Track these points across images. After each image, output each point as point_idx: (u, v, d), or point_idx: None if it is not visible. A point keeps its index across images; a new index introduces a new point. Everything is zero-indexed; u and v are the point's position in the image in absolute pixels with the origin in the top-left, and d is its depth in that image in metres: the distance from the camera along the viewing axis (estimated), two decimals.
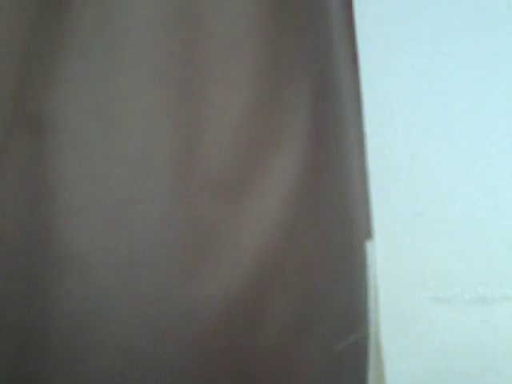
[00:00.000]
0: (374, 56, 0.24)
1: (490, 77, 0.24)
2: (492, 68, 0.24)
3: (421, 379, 0.21)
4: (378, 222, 0.23)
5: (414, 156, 0.23)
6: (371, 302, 0.22)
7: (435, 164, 0.23)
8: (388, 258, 0.23)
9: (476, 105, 0.23)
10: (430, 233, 0.23)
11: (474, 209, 0.23)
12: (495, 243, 0.22)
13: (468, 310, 0.22)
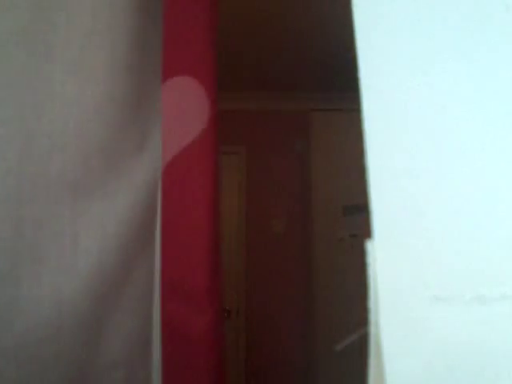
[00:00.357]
0: (373, 56, 0.24)
1: (489, 77, 0.24)
2: (491, 68, 0.24)
3: (420, 378, 0.21)
4: (377, 221, 0.23)
5: (415, 156, 0.23)
6: (371, 302, 0.22)
7: (435, 164, 0.23)
8: (388, 258, 0.23)
9: (476, 105, 0.24)
10: (430, 232, 0.23)
11: (474, 208, 0.23)
12: (496, 243, 0.22)
13: (468, 310, 0.22)
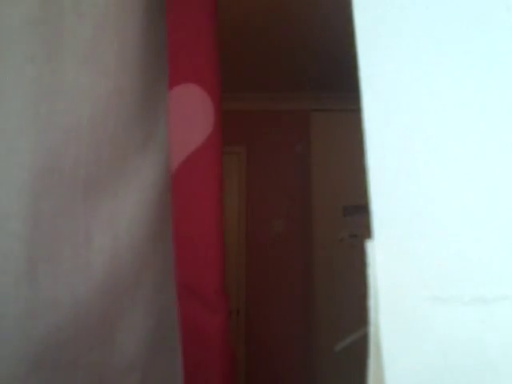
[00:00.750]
0: (373, 57, 0.24)
1: (490, 77, 0.24)
2: (491, 69, 0.24)
3: (420, 378, 0.21)
4: (377, 221, 0.23)
5: (414, 156, 0.24)
6: (371, 302, 0.22)
7: (435, 164, 0.23)
8: (387, 258, 0.23)
9: (477, 105, 0.24)
10: (430, 233, 0.23)
11: (474, 209, 0.23)
12: (495, 243, 0.22)
13: (467, 310, 0.22)
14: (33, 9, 0.46)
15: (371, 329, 0.22)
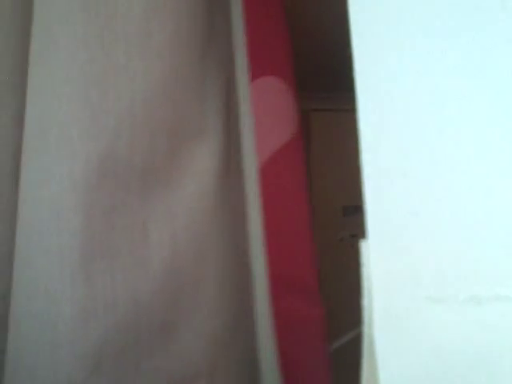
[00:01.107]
0: (368, 55, 0.24)
1: (484, 76, 0.24)
2: (486, 67, 0.24)
3: (414, 378, 0.21)
4: (372, 221, 0.23)
5: (409, 156, 0.23)
6: (365, 301, 0.22)
7: (430, 164, 0.23)
8: (382, 258, 0.23)
9: (470, 104, 0.23)
10: (425, 232, 0.23)
11: (469, 208, 0.23)
12: (490, 242, 0.22)
13: (462, 310, 0.22)
14: None
15: (365, 328, 0.22)
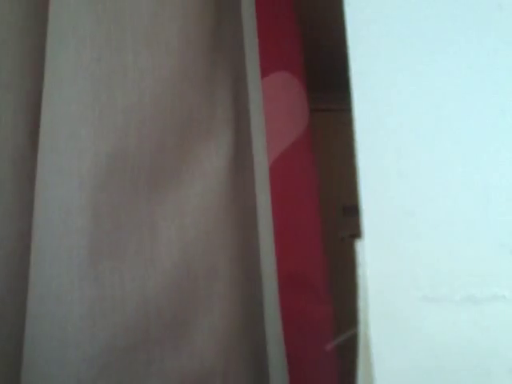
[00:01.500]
0: (364, 55, 0.24)
1: (481, 76, 0.24)
2: (483, 67, 0.24)
3: (410, 378, 0.21)
4: (367, 221, 0.23)
5: (404, 155, 0.23)
6: (361, 301, 0.22)
7: (425, 163, 0.23)
8: (378, 258, 0.23)
9: (467, 104, 0.23)
10: (421, 232, 0.23)
11: (465, 208, 0.23)
12: (486, 242, 0.22)
13: (458, 310, 0.22)
14: None
15: (361, 329, 0.22)
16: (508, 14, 0.24)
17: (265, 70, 0.56)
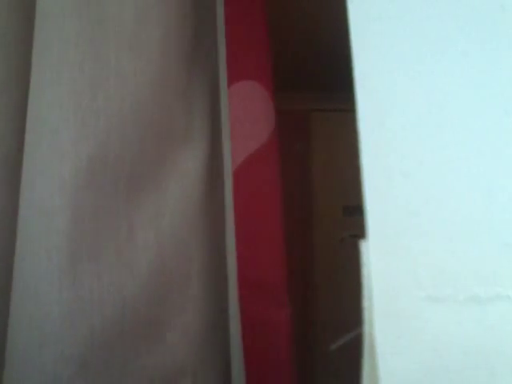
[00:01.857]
0: (368, 56, 0.24)
1: (484, 77, 0.24)
2: (486, 68, 0.24)
3: (414, 378, 0.21)
4: (372, 221, 0.23)
5: (408, 155, 0.23)
6: (365, 301, 0.22)
7: (429, 163, 0.23)
8: (382, 258, 0.23)
9: (470, 105, 0.23)
10: (424, 232, 0.23)
11: (469, 208, 0.23)
12: (489, 242, 0.22)
13: (462, 310, 0.22)
14: None
15: (365, 329, 0.22)
16: (510, 14, 0.24)
17: (232, 79, 0.57)
